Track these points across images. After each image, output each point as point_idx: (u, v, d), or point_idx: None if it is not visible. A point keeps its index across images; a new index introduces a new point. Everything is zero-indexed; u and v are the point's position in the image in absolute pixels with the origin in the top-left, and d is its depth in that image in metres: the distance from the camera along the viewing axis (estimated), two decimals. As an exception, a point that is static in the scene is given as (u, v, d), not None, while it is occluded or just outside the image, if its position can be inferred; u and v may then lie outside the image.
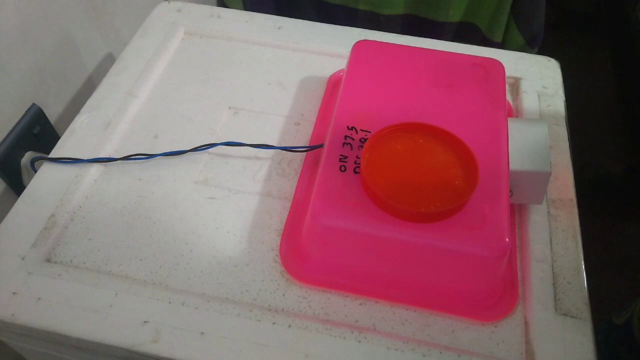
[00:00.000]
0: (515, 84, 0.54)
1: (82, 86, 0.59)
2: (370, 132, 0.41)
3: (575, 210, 0.45)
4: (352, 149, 0.41)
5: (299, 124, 0.51)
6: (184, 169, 0.47)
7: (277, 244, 0.42)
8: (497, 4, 0.87)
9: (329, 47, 0.57)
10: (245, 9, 0.92)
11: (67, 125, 0.49)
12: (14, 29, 0.47)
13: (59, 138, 0.48)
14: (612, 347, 0.80)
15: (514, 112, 0.52)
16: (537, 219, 0.44)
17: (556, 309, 0.39)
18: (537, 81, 0.54)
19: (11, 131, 0.49)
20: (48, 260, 0.41)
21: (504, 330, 0.39)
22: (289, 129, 0.50)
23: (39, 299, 0.39)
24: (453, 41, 0.58)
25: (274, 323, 0.38)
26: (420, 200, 0.37)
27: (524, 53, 0.57)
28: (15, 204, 0.44)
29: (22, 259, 0.41)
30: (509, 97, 0.53)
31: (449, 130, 0.39)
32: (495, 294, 0.40)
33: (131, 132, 0.49)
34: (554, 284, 0.41)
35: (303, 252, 0.41)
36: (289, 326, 0.38)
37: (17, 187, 0.50)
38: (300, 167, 0.47)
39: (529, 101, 0.52)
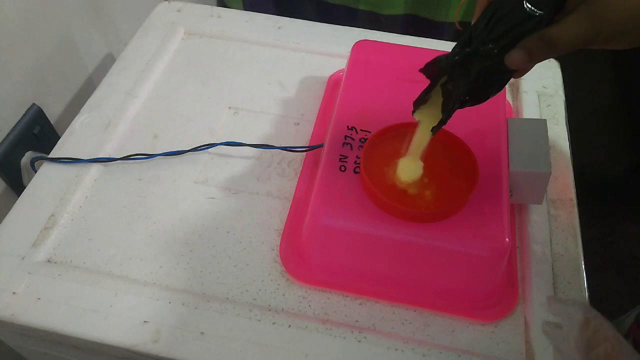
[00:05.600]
0: (515, 84, 0.54)
1: (82, 86, 0.59)
2: (370, 132, 0.41)
3: (575, 210, 0.45)
4: (352, 149, 0.41)
5: (299, 124, 0.51)
6: (184, 169, 0.47)
7: (277, 244, 0.42)
8: (497, 4, 0.87)
9: (329, 47, 0.57)
10: (245, 9, 0.92)
11: (67, 125, 0.49)
12: (14, 29, 0.47)
13: (59, 138, 0.48)
14: None
15: (514, 112, 0.52)
16: (537, 219, 0.44)
17: (556, 309, 0.39)
18: (537, 81, 0.54)
19: (11, 131, 0.49)
20: (48, 260, 0.41)
21: (504, 330, 0.39)
22: (289, 129, 0.50)
23: (39, 299, 0.39)
24: (453, 41, 0.58)
25: (274, 323, 0.38)
26: (420, 200, 0.37)
27: (524, 53, 0.57)
28: (15, 204, 0.44)
29: (22, 259, 0.41)
30: (509, 97, 0.53)
31: (448, 130, 0.39)
32: (495, 294, 0.40)
33: (131, 132, 0.49)
34: (554, 284, 0.41)
35: (303, 252, 0.41)
36: (289, 326, 0.38)
37: (17, 187, 0.50)
38: (300, 167, 0.47)
39: (529, 101, 0.52)
